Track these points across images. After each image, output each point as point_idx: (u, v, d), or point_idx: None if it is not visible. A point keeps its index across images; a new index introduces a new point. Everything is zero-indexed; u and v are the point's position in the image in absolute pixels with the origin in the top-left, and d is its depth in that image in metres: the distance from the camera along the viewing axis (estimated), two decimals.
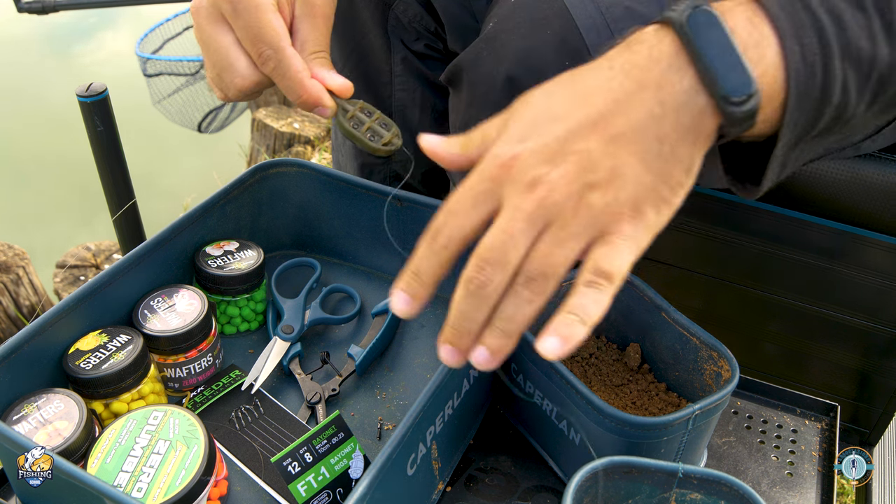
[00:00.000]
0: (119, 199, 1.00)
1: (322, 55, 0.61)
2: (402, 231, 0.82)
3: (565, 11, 0.60)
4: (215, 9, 0.58)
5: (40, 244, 2.42)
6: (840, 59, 0.42)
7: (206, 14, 0.59)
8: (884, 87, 0.45)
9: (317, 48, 0.61)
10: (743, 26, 0.42)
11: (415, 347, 0.79)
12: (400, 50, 0.90)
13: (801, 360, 0.94)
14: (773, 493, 0.72)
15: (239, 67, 0.59)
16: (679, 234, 0.90)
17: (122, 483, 0.56)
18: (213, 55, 0.59)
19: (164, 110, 2.43)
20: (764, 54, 0.41)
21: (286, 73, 0.58)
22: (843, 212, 0.80)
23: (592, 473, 0.54)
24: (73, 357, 0.63)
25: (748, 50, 0.41)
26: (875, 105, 0.46)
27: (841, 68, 0.43)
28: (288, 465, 0.59)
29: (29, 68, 3.63)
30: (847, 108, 0.44)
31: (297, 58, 0.58)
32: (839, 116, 0.45)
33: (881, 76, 0.44)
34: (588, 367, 0.75)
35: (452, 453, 0.70)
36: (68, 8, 1.94)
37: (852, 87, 0.43)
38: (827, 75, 0.42)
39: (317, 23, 0.61)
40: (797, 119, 0.43)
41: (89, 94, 0.91)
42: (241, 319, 0.79)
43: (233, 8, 0.57)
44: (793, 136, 0.44)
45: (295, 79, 0.58)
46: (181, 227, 0.74)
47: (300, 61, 0.59)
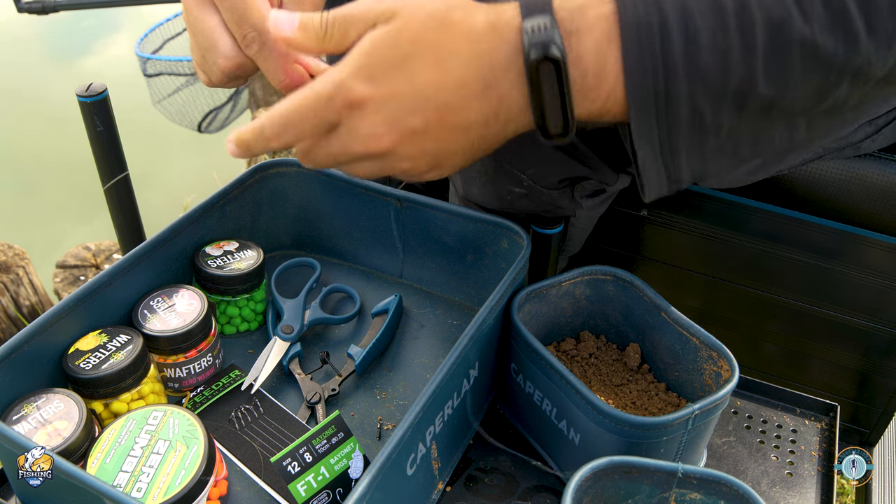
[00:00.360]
0: (119, 199, 1.00)
1: None
2: (403, 231, 0.82)
3: None
4: None
5: (40, 244, 2.42)
6: (686, 81, 0.47)
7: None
8: (745, 101, 0.48)
9: None
10: (591, 52, 0.47)
11: (415, 347, 0.79)
12: None
13: (801, 360, 0.94)
14: (772, 493, 0.72)
15: (222, 48, 0.59)
16: (679, 234, 0.90)
17: (121, 483, 0.56)
18: (199, 36, 0.60)
19: (164, 110, 2.43)
20: (603, 80, 0.48)
21: (269, 56, 0.58)
22: (843, 212, 0.80)
23: (592, 473, 0.54)
24: (72, 357, 0.63)
25: (588, 76, 0.48)
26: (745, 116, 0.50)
27: (687, 88, 0.47)
28: (288, 465, 0.59)
29: (29, 68, 3.63)
30: (704, 120, 0.49)
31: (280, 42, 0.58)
32: (701, 128, 0.49)
33: (737, 91, 0.48)
34: (588, 367, 0.75)
35: (452, 453, 0.70)
36: (68, 8, 1.94)
37: (704, 104, 0.48)
38: (670, 96, 0.47)
39: (304, 9, 0.60)
40: (646, 132, 0.49)
41: (89, 94, 0.91)
42: (241, 319, 0.79)
43: None
44: (651, 148, 0.50)
45: (277, 62, 0.58)
46: (181, 227, 0.74)
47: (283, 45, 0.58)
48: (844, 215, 0.80)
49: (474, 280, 0.81)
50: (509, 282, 0.68)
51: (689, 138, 0.50)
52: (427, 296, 0.84)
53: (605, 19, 0.47)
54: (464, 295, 0.83)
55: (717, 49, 0.46)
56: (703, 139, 0.51)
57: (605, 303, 0.76)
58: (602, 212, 0.85)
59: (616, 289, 0.74)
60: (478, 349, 0.66)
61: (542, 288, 0.72)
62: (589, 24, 0.47)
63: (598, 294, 0.75)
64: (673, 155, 0.51)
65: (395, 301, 0.80)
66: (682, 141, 0.50)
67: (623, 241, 0.95)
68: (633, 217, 0.91)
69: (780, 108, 0.50)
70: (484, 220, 0.76)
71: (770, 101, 0.49)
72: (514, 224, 0.74)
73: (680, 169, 0.53)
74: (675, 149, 0.51)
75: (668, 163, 0.52)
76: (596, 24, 0.47)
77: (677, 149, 0.51)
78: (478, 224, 0.77)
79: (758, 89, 0.48)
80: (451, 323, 0.81)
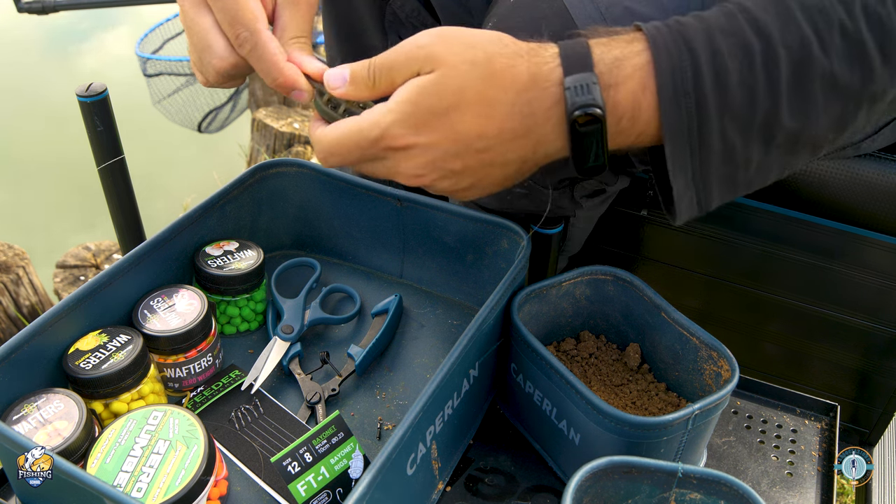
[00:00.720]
0: (119, 198, 1.00)
1: (302, 40, 0.62)
2: (403, 231, 0.82)
3: (565, 11, 0.60)
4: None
5: (40, 244, 2.42)
6: (717, 117, 0.50)
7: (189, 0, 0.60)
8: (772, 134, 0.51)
9: (296, 34, 0.62)
10: (627, 100, 0.51)
11: (415, 347, 0.79)
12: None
13: (801, 360, 0.94)
14: (773, 493, 0.72)
15: (217, 49, 0.60)
16: (679, 234, 0.90)
17: (121, 483, 0.56)
18: (194, 37, 0.61)
19: (164, 110, 2.43)
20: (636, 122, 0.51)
21: (262, 56, 0.59)
22: (843, 212, 0.80)
23: (592, 473, 0.54)
24: (72, 357, 0.63)
25: (623, 121, 0.51)
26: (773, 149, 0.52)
27: (718, 124, 0.50)
28: (288, 465, 0.59)
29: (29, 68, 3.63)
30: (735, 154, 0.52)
31: (273, 41, 0.59)
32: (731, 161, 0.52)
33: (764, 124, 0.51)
34: (588, 367, 0.75)
35: (452, 453, 0.70)
36: (68, 8, 1.94)
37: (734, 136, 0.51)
38: (703, 130, 0.51)
39: (299, 9, 0.61)
40: (682, 165, 0.52)
41: (89, 94, 0.91)
42: (241, 319, 0.79)
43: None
44: (684, 178, 0.53)
45: (270, 61, 0.59)
46: (181, 227, 0.74)
47: (276, 44, 0.59)
48: (845, 215, 0.80)
49: (474, 280, 0.81)
50: (509, 282, 0.68)
51: (721, 171, 0.53)
52: (427, 296, 0.84)
53: (641, 69, 0.51)
54: (464, 295, 0.83)
55: (744, 85, 0.50)
56: (734, 171, 0.53)
57: (605, 303, 0.76)
58: (602, 212, 0.85)
59: (616, 289, 0.74)
60: (478, 349, 0.66)
61: (542, 288, 0.72)
62: (626, 76, 0.51)
63: (598, 294, 0.75)
64: (705, 185, 0.54)
65: (395, 301, 0.80)
66: (713, 173, 0.53)
67: (623, 241, 0.95)
68: (633, 217, 0.91)
69: (804, 140, 0.52)
70: (484, 220, 0.76)
71: (795, 133, 0.51)
72: (514, 224, 0.74)
73: (710, 198, 0.55)
74: (707, 180, 0.53)
75: (699, 193, 0.54)
76: (632, 76, 0.51)
77: (709, 180, 0.53)
78: (478, 224, 0.77)
79: (782, 122, 0.51)
80: (451, 323, 0.81)
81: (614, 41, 0.52)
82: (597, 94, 0.50)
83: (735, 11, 0.51)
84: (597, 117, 0.50)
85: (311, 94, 0.61)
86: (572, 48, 0.52)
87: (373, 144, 0.54)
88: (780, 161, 0.54)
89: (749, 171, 0.54)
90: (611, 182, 0.77)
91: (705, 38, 0.50)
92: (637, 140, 0.53)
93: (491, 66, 0.52)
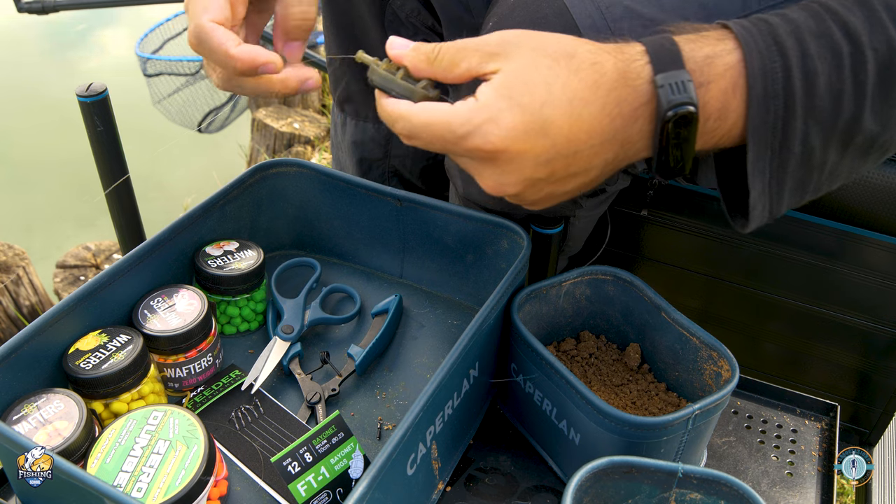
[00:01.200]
0: (119, 199, 1.00)
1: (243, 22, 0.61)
2: (403, 231, 0.82)
3: (565, 11, 0.60)
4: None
5: (40, 244, 2.42)
6: (802, 119, 0.49)
7: None
8: (851, 137, 0.50)
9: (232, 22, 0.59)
10: (717, 99, 0.49)
11: (415, 347, 0.79)
12: None
13: (801, 360, 0.94)
14: (773, 493, 0.72)
15: None
16: (679, 234, 0.90)
17: (121, 483, 0.56)
18: None
19: (164, 110, 2.43)
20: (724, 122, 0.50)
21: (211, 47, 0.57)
22: (843, 212, 0.80)
23: (592, 473, 0.54)
24: (73, 357, 0.63)
25: (710, 121, 0.49)
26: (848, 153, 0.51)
27: (802, 127, 0.49)
28: (288, 465, 0.59)
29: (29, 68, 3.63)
30: (813, 156, 0.51)
31: (218, 30, 0.57)
32: (808, 163, 0.51)
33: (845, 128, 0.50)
34: (588, 367, 0.75)
35: (452, 453, 0.70)
36: (68, 8, 1.94)
37: (815, 139, 0.50)
38: (786, 132, 0.49)
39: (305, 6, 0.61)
40: (761, 169, 0.50)
41: (89, 94, 0.91)
42: (241, 319, 0.79)
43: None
44: (762, 184, 0.51)
45: (219, 50, 0.56)
46: (181, 227, 0.74)
47: (223, 32, 0.57)
48: (845, 215, 0.80)
49: (474, 280, 0.81)
50: (509, 282, 0.68)
51: (796, 175, 0.52)
52: (427, 296, 0.84)
53: (732, 68, 0.49)
54: (464, 295, 0.83)
55: (832, 89, 0.48)
56: (808, 175, 0.52)
57: (605, 303, 0.76)
58: (602, 212, 0.85)
59: (616, 289, 0.74)
60: (478, 349, 0.66)
61: (543, 288, 0.72)
62: (717, 75, 0.49)
63: (598, 294, 0.75)
64: (779, 191, 0.52)
65: (395, 301, 0.80)
66: (789, 177, 0.52)
67: (623, 241, 0.95)
68: (633, 217, 0.91)
69: (879, 143, 0.51)
70: (484, 220, 0.76)
71: (873, 137, 0.51)
72: (514, 224, 0.74)
73: (782, 204, 0.53)
74: (781, 184, 0.52)
75: (773, 198, 0.53)
76: (723, 75, 0.49)
77: (783, 184, 0.52)
78: (478, 224, 0.77)
79: (863, 125, 0.50)
80: (451, 323, 0.81)
81: (703, 38, 0.50)
82: (692, 92, 0.48)
83: (822, 12, 0.50)
84: (689, 117, 0.48)
85: (279, 66, 0.58)
86: (660, 45, 0.49)
87: (459, 141, 0.50)
88: (851, 165, 0.53)
89: (822, 176, 0.52)
90: (611, 182, 0.77)
91: (795, 40, 0.49)
92: (719, 143, 0.51)
93: (574, 60, 0.49)
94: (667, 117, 0.48)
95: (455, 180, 0.86)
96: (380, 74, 0.56)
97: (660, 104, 0.48)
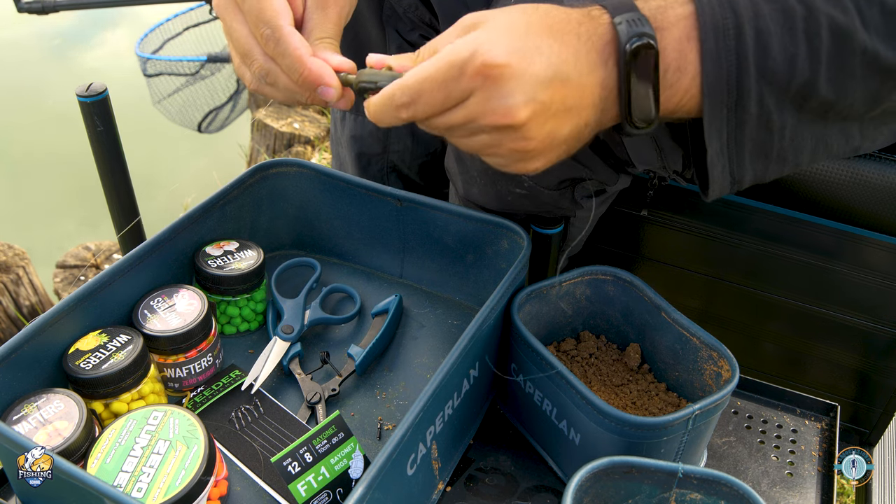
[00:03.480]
0: (119, 198, 1.00)
1: (328, 41, 0.61)
2: (403, 231, 0.82)
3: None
4: None
5: (40, 244, 2.42)
6: (755, 79, 0.50)
7: (223, 5, 0.60)
8: (805, 100, 0.51)
9: (323, 35, 0.61)
10: (673, 48, 0.50)
11: (415, 347, 0.79)
12: (395, 39, 0.90)
13: (801, 360, 0.94)
14: (773, 493, 0.72)
15: (255, 53, 0.59)
16: (679, 234, 0.90)
17: (121, 483, 0.56)
18: (234, 43, 0.61)
19: (164, 110, 2.43)
20: (683, 75, 0.51)
21: (285, 51, 0.58)
22: (843, 212, 0.80)
23: (593, 473, 0.54)
24: (73, 357, 0.63)
25: (669, 72, 0.50)
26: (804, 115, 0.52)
27: (756, 87, 0.50)
28: (288, 465, 0.59)
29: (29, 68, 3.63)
30: (771, 119, 0.51)
31: (296, 35, 0.58)
32: (767, 126, 0.52)
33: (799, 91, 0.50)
34: (588, 367, 0.75)
35: (452, 453, 0.70)
36: (68, 8, 1.94)
37: (770, 101, 0.50)
38: (741, 90, 0.50)
39: (327, 13, 0.62)
40: (717, 127, 0.52)
41: (89, 94, 0.91)
42: (241, 319, 0.79)
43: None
44: (718, 143, 0.52)
45: (293, 55, 0.57)
46: (181, 227, 0.74)
47: (300, 39, 0.58)
48: (844, 215, 0.80)
49: (474, 280, 0.81)
50: (509, 282, 0.68)
51: (754, 137, 0.52)
52: (427, 296, 0.84)
53: (685, 19, 0.50)
54: (464, 295, 0.83)
55: (785, 50, 0.49)
56: (768, 139, 0.53)
57: (605, 303, 0.76)
58: (602, 212, 0.85)
59: (616, 289, 0.74)
60: (478, 349, 0.66)
61: (543, 288, 0.72)
62: (670, 23, 0.50)
63: (598, 294, 0.75)
64: (738, 152, 0.53)
65: (395, 301, 0.80)
66: (747, 139, 0.52)
67: (623, 241, 0.95)
68: (632, 217, 0.91)
69: (836, 110, 0.52)
70: (484, 221, 0.76)
71: (829, 103, 0.51)
72: (515, 224, 0.74)
73: (743, 168, 0.54)
74: (741, 145, 0.53)
75: (732, 160, 0.54)
76: (676, 24, 0.50)
77: (742, 146, 0.53)
78: (478, 224, 0.77)
79: (819, 91, 0.50)
80: (452, 323, 0.81)
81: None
82: (648, 27, 0.49)
83: None
84: (649, 48, 0.49)
85: (339, 92, 0.59)
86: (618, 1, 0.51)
87: (462, 69, 0.49)
88: (811, 131, 0.53)
89: (783, 140, 0.53)
90: (611, 182, 0.77)
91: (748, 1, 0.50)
92: (681, 102, 0.52)
93: (542, 7, 0.51)
94: (627, 49, 0.49)
95: (455, 181, 0.86)
96: (367, 72, 0.57)
97: (619, 39, 0.50)
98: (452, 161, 0.81)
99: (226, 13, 0.60)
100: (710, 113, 0.51)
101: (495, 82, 0.49)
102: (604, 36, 0.50)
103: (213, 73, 2.48)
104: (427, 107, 0.52)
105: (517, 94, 0.49)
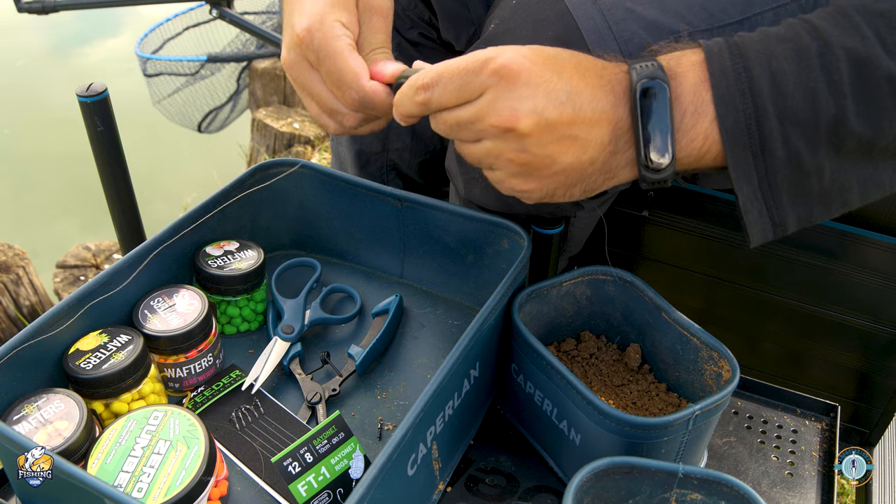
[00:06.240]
0: (119, 198, 1.00)
1: (380, 51, 0.64)
2: (403, 231, 0.82)
3: (567, 13, 0.60)
4: (303, 58, 0.62)
5: (40, 244, 2.42)
6: (777, 119, 0.49)
7: (296, 64, 0.63)
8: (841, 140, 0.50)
9: (375, 45, 0.64)
10: (689, 92, 0.51)
11: (415, 347, 0.79)
12: (394, 38, 0.91)
13: (801, 360, 0.94)
14: (773, 493, 0.72)
15: (343, 110, 0.63)
16: (679, 234, 0.90)
17: (122, 483, 0.56)
18: (316, 98, 0.64)
19: (164, 110, 2.43)
20: (701, 118, 0.51)
21: (375, 108, 0.61)
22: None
23: (593, 474, 0.54)
24: (73, 357, 0.63)
25: (686, 115, 0.51)
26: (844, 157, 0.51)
27: (780, 128, 0.50)
28: (288, 466, 0.59)
29: (29, 68, 3.63)
30: (802, 160, 0.51)
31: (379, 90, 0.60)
32: (801, 168, 0.51)
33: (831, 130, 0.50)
34: (588, 367, 0.75)
35: (453, 453, 0.70)
36: (68, 8, 1.94)
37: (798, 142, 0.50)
38: (763, 133, 0.50)
39: (374, 22, 0.64)
40: (745, 171, 0.51)
41: (89, 94, 0.91)
42: (242, 319, 0.79)
43: (316, 56, 0.61)
44: (749, 187, 0.52)
45: (381, 108, 0.61)
46: (181, 227, 0.74)
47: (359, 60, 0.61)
48: (845, 215, 0.80)
49: (475, 280, 0.81)
50: (510, 282, 0.68)
51: (789, 179, 0.52)
52: (427, 296, 0.84)
53: (698, 65, 0.51)
54: (464, 295, 0.83)
55: (804, 89, 0.49)
56: (805, 181, 0.52)
57: (605, 303, 0.76)
58: (603, 212, 0.85)
59: (616, 289, 0.74)
60: (478, 349, 0.66)
61: (543, 288, 0.72)
62: (685, 69, 0.52)
63: (598, 294, 0.75)
64: (774, 196, 0.52)
65: (395, 301, 0.80)
66: (780, 181, 0.52)
67: (623, 241, 0.95)
68: (633, 217, 0.91)
69: (881, 147, 0.51)
70: (484, 220, 0.76)
71: (868, 140, 0.50)
72: (515, 224, 0.74)
73: (783, 211, 0.53)
74: (775, 189, 0.52)
75: (769, 204, 0.53)
76: (691, 69, 0.51)
77: (777, 189, 0.52)
78: (478, 224, 0.77)
79: (851, 127, 0.49)
80: (452, 323, 0.81)
81: (670, 47, 0.54)
82: (660, 70, 0.51)
83: (795, 21, 0.51)
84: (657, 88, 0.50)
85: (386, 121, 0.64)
86: None
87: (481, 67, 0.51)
88: (857, 171, 0.52)
89: (823, 181, 0.52)
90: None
91: (760, 45, 0.50)
92: (704, 146, 0.52)
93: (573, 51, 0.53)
94: (637, 88, 0.51)
95: (456, 181, 0.86)
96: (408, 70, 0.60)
97: (631, 80, 0.51)
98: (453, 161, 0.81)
99: (300, 73, 0.63)
100: (733, 157, 0.51)
101: (508, 84, 0.51)
102: (622, 81, 0.52)
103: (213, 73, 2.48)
104: (443, 93, 0.53)
105: (525, 102, 0.51)
